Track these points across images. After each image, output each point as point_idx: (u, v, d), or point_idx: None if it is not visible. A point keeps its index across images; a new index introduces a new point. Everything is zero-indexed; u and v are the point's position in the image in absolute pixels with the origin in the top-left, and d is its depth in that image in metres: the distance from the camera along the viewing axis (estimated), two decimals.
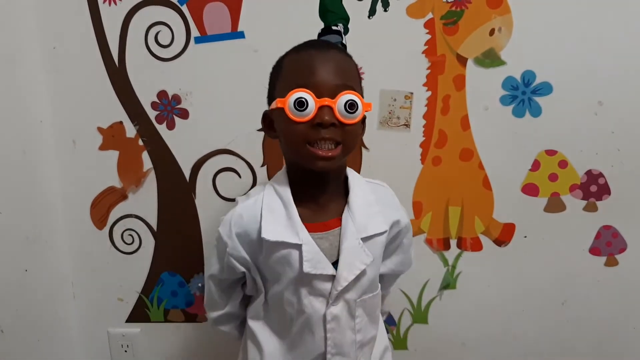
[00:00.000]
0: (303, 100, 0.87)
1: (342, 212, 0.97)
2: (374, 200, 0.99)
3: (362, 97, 0.91)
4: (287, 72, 0.94)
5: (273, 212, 0.95)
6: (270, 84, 1.00)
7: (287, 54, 0.98)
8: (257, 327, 1.04)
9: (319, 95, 0.87)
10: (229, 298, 1.08)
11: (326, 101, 0.87)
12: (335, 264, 0.94)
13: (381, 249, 1.00)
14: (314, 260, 0.92)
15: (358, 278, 0.95)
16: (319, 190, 0.97)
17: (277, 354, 1.01)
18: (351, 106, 0.88)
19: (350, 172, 1.01)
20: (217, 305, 1.09)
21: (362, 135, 1.02)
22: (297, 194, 0.96)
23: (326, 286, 0.94)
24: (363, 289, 0.97)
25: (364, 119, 0.95)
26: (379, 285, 1.04)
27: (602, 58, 1.22)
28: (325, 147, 0.88)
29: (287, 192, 0.96)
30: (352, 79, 0.92)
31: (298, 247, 0.93)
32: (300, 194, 0.96)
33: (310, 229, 0.94)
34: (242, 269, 0.99)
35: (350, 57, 0.96)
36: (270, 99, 0.98)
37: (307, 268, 0.92)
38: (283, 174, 1.00)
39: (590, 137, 1.26)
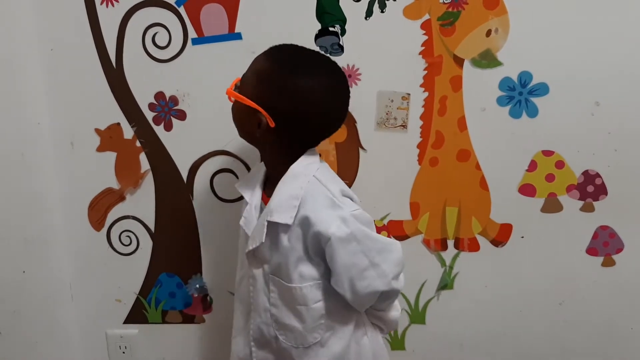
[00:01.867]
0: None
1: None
2: (298, 195, 0.99)
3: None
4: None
5: (253, 175, 1.15)
6: None
7: None
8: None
9: None
10: None
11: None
12: None
13: (288, 243, 1.00)
14: (247, 219, 1.07)
15: (261, 253, 1.04)
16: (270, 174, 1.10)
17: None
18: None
19: (293, 167, 1.02)
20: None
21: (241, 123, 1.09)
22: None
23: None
24: (273, 268, 1.04)
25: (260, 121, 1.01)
26: (294, 280, 1.01)
27: (598, 59, 1.22)
28: None
29: (263, 166, 1.12)
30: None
31: (246, 204, 1.08)
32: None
33: (263, 199, 1.08)
34: None
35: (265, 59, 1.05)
36: None
37: (241, 221, 1.08)
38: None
39: (587, 137, 1.26)
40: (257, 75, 1.03)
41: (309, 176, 1.02)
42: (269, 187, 1.08)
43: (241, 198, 1.35)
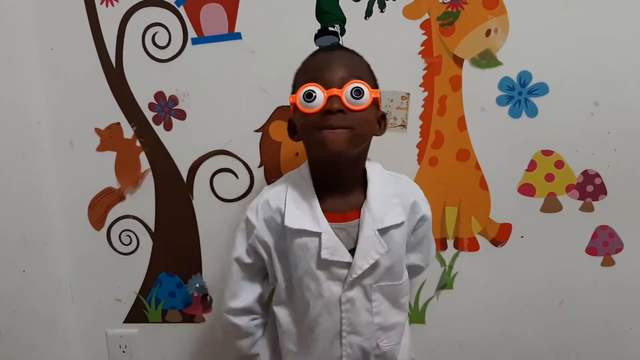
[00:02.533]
0: (311, 92, 0.96)
1: (362, 204, 1.03)
2: (392, 193, 1.05)
3: (375, 88, 1.00)
4: (300, 74, 1.05)
5: (296, 202, 1.04)
6: (292, 92, 1.08)
7: (304, 61, 1.08)
8: (279, 311, 1.11)
9: (327, 87, 0.96)
10: (249, 288, 1.14)
11: (334, 91, 0.95)
12: (352, 252, 1.01)
13: (401, 239, 1.05)
14: (332, 248, 1.00)
15: (374, 267, 1.01)
16: (338, 181, 1.04)
17: (294, 335, 1.10)
18: (357, 92, 0.95)
19: (370, 165, 1.08)
20: (235, 294, 1.13)
21: (381, 131, 1.06)
22: (317, 186, 1.05)
23: (343, 272, 1.02)
24: (379, 276, 1.03)
25: (383, 116, 1.06)
26: (403, 274, 1.09)
27: (598, 58, 1.22)
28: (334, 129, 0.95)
29: (309, 184, 1.05)
30: (359, 70, 1.01)
31: (318, 235, 1.00)
32: (321, 185, 1.05)
33: (329, 219, 1.02)
34: (264, 254, 1.08)
35: (360, 57, 1.06)
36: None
37: (324, 255, 0.99)
38: (305, 167, 1.08)
39: (586, 137, 1.26)
40: (370, 72, 1.06)
41: (379, 168, 1.09)
42: (325, 198, 1.04)
43: (241, 198, 1.37)
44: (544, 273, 1.34)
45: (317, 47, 1.09)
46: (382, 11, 1.25)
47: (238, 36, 1.29)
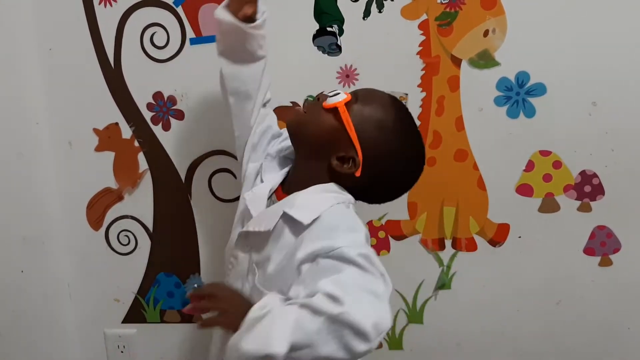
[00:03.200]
0: None
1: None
2: (324, 209, 0.94)
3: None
4: None
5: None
6: None
7: None
8: None
9: None
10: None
11: None
12: None
13: (290, 240, 0.94)
14: (258, 196, 1.03)
15: (259, 240, 0.97)
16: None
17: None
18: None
19: (327, 188, 0.98)
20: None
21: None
22: None
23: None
24: (260, 259, 0.97)
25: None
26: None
27: (595, 59, 1.22)
28: None
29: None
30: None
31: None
32: None
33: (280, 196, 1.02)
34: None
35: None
36: None
37: (246, 195, 1.05)
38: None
39: (584, 137, 1.26)
40: (378, 124, 0.96)
41: (336, 203, 0.96)
42: (288, 185, 1.04)
43: (239, 198, 1.36)
44: (542, 273, 1.34)
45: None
46: (380, 11, 1.25)
47: None
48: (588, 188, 1.28)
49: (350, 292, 0.80)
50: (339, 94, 0.97)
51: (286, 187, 1.04)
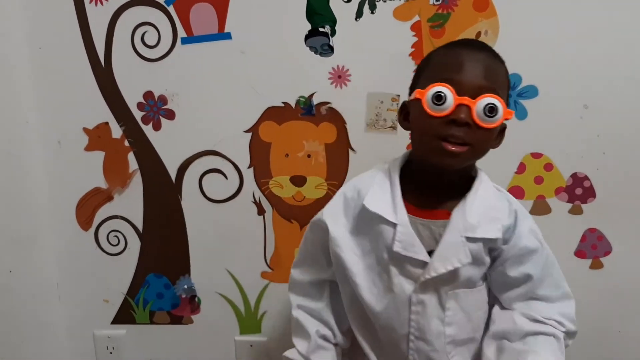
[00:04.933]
0: (441, 94, 0.85)
1: (456, 206, 0.94)
2: (495, 206, 0.95)
3: (507, 104, 0.89)
4: (433, 66, 0.92)
5: (381, 188, 0.97)
6: (415, 76, 0.99)
7: (439, 47, 0.96)
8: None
9: (460, 92, 0.85)
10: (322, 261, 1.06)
11: (465, 100, 0.85)
12: (431, 254, 0.93)
13: (486, 255, 0.95)
14: (406, 242, 0.92)
15: (452, 274, 0.93)
16: (437, 182, 0.95)
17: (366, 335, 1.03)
18: (491, 110, 0.85)
19: (480, 174, 0.99)
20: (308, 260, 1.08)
21: (496, 146, 0.96)
22: (411, 181, 0.96)
23: (417, 271, 0.93)
24: (457, 284, 0.95)
25: (503, 129, 0.95)
26: (479, 282, 0.98)
27: (587, 61, 1.22)
28: (453, 143, 0.86)
29: (396, 173, 0.97)
30: (498, 83, 0.89)
31: (393, 225, 0.93)
32: (416, 181, 0.96)
33: (413, 212, 0.94)
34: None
35: (502, 62, 0.93)
36: (412, 90, 0.96)
37: (396, 247, 0.92)
38: (401, 159, 1.00)
39: (575, 140, 1.26)
40: (508, 85, 0.95)
41: (488, 181, 0.98)
42: (416, 191, 0.96)
43: (230, 199, 1.36)
44: None
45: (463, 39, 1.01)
46: (372, 12, 1.24)
47: (228, 36, 1.28)
48: (579, 190, 1.29)
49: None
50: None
51: (419, 198, 0.96)
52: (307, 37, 1.27)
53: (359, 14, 1.25)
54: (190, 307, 1.46)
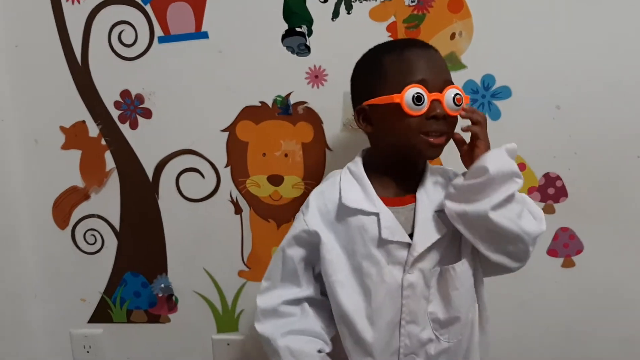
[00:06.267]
0: (420, 95, 0.93)
1: (416, 189, 1.02)
2: (446, 180, 1.04)
3: None
4: (392, 71, 0.98)
5: (350, 186, 1.01)
6: (361, 81, 1.06)
7: (380, 52, 1.03)
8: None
9: (431, 90, 0.94)
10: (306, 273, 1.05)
11: (437, 95, 0.94)
12: (411, 236, 0.98)
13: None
14: (392, 227, 0.97)
15: (433, 248, 0.98)
16: (404, 174, 1.03)
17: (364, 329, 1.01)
18: (459, 100, 0.96)
19: None
20: (291, 279, 1.05)
21: None
22: (375, 177, 1.02)
23: (403, 254, 0.98)
24: (437, 259, 1.00)
25: None
26: (463, 258, 1.02)
27: (560, 63, 1.24)
28: (434, 135, 0.96)
29: (361, 170, 1.02)
30: (450, 74, 1.00)
31: (376, 215, 0.97)
32: (381, 175, 1.03)
33: (386, 203, 0.99)
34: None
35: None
36: (364, 95, 1.02)
37: (385, 234, 0.96)
38: (359, 158, 1.06)
39: (548, 140, 1.27)
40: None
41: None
42: (379, 183, 1.01)
43: (207, 198, 1.37)
44: (505, 275, 1.35)
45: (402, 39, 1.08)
46: (349, 13, 1.25)
47: (205, 35, 1.29)
48: (552, 190, 1.30)
49: None
50: None
51: (384, 189, 1.01)
52: (284, 37, 1.28)
53: (336, 14, 1.26)
54: (167, 306, 1.46)
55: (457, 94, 0.95)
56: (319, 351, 1.01)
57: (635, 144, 1.25)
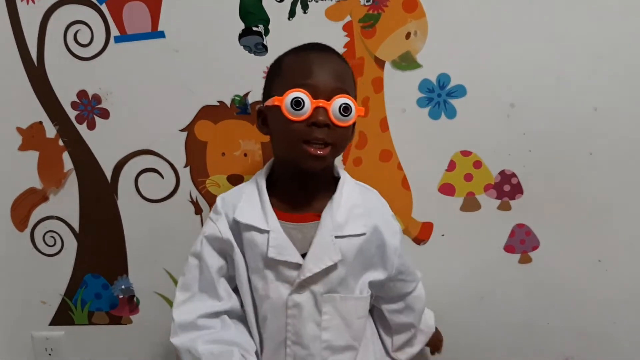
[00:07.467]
0: (300, 100, 0.90)
1: (324, 208, 0.99)
2: (359, 203, 1.02)
3: (356, 102, 0.96)
4: (286, 72, 0.98)
5: (250, 199, 1.01)
6: (267, 81, 1.04)
7: (286, 53, 1.02)
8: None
9: (315, 96, 0.91)
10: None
11: (321, 102, 0.91)
12: (305, 256, 0.97)
13: (357, 252, 1.00)
14: (280, 247, 0.96)
15: (326, 272, 0.97)
16: (303, 186, 1.01)
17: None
18: (345, 109, 0.92)
19: (343, 174, 1.05)
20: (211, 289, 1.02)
21: (351, 140, 1.04)
22: (279, 188, 1.02)
23: (292, 274, 0.97)
24: (331, 285, 0.99)
25: (354, 124, 1.00)
26: (358, 289, 1.03)
27: (514, 61, 1.25)
28: (316, 146, 0.92)
29: (262, 183, 1.01)
30: (347, 83, 0.97)
31: (266, 232, 0.97)
32: (283, 187, 1.02)
33: (284, 218, 0.98)
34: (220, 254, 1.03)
35: (347, 63, 1.01)
36: (266, 96, 1.02)
37: (271, 253, 0.96)
38: (266, 168, 1.06)
39: (502, 138, 1.29)
40: (355, 84, 1.03)
41: (350, 179, 1.06)
42: (284, 196, 1.01)
43: (166, 198, 1.36)
44: (465, 270, 1.37)
45: (308, 43, 1.04)
46: (305, 12, 1.26)
47: (161, 35, 1.28)
48: (507, 187, 1.32)
49: None
50: None
51: (288, 203, 1.01)
52: (240, 36, 1.28)
53: (292, 14, 1.26)
54: (128, 308, 1.45)
55: (344, 104, 0.92)
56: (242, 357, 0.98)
57: (587, 141, 1.27)
